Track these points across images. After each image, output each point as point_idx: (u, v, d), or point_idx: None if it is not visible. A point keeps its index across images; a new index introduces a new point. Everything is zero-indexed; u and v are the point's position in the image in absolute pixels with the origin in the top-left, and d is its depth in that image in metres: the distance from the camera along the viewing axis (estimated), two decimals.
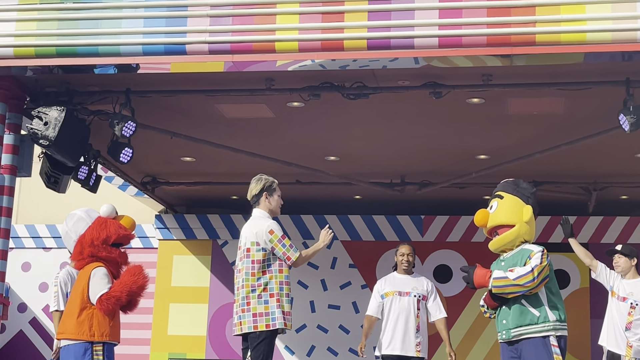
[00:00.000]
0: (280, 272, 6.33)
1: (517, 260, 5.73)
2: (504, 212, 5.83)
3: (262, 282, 6.26)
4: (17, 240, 12.72)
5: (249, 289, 6.27)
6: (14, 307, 12.75)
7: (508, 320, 5.65)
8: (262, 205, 6.54)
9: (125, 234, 6.49)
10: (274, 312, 6.23)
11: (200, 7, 7.47)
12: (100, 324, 6.24)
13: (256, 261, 6.30)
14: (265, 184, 6.55)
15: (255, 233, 6.35)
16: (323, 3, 7.30)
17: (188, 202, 12.90)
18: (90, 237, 6.36)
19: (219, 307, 12.45)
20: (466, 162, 10.42)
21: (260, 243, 6.32)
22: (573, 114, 8.70)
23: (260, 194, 6.54)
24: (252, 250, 6.33)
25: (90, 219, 6.51)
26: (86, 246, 6.35)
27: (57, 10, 7.68)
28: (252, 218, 6.54)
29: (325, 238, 6.51)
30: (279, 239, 6.32)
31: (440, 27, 7.09)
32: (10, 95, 8.12)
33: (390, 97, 8.21)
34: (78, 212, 6.61)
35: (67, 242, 6.63)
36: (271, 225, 6.37)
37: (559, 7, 6.97)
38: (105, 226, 6.40)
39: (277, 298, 6.25)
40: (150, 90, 8.38)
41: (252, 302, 6.25)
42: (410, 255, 8.15)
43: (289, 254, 6.31)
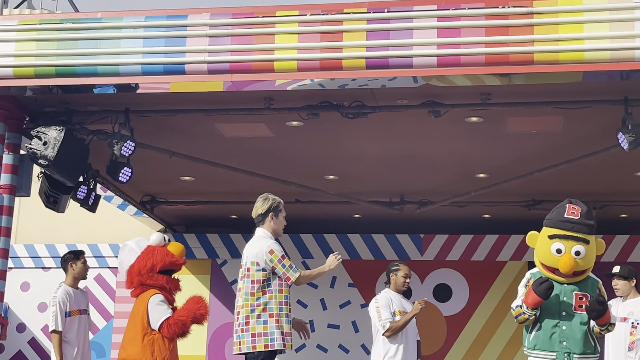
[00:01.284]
0: (280, 292, 6.31)
1: (585, 287, 5.65)
2: (589, 257, 5.61)
3: (262, 302, 6.24)
4: (16, 260, 12.70)
5: (248, 308, 6.25)
6: (12, 327, 12.70)
7: (571, 343, 5.55)
8: (266, 225, 6.54)
9: (172, 261, 6.73)
10: (272, 333, 6.20)
11: (199, 27, 7.49)
12: (161, 349, 6.51)
13: (256, 281, 6.28)
14: (272, 204, 6.55)
15: (256, 253, 6.34)
16: (322, 23, 7.32)
17: (187, 221, 12.89)
18: (138, 266, 6.66)
19: (218, 326, 12.41)
20: (465, 180, 10.42)
21: (261, 263, 6.30)
22: (572, 133, 8.70)
23: (267, 214, 6.54)
24: (252, 270, 6.31)
25: (140, 248, 6.77)
26: (134, 275, 6.65)
27: (57, 30, 7.70)
28: (254, 238, 6.52)
29: (332, 263, 6.50)
30: (279, 259, 6.31)
31: (439, 46, 7.10)
32: (9, 115, 8.13)
33: (389, 116, 8.22)
34: (129, 243, 6.85)
35: (122, 272, 6.87)
36: (271, 245, 6.36)
37: (557, 26, 6.99)
38: (152, 255, 6.66)
39: (277, 319, 6.23)
40: (149, 109, 8.38)
41: (251, 322, 6.23)
42: (410, 276, 8.17)
43: (288, 274, 6.30)
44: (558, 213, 5.65)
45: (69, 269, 8.24)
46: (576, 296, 5.60)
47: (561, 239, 5.55)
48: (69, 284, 8.20)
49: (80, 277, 8.29)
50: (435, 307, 12.12)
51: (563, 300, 5.59)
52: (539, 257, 5.67)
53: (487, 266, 12.13)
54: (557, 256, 5.53)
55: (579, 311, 5.59)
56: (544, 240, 5.63)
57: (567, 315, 5.57)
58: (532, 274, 5.73)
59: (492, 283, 12.12)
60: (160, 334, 6.53)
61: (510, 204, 11.23)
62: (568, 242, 5.54)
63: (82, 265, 8.26)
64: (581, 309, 5.59)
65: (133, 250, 6.76)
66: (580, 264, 5.55)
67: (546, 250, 5.59)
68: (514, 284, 11.73)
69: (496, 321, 11.96)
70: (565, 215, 5.60)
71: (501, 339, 11.87)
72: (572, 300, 5.60)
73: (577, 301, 5.61)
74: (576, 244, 5.55)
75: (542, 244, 5.64)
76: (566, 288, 5.60)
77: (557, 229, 5.58)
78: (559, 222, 5.59)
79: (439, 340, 12.05)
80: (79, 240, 12.94)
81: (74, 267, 8.22)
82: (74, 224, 12.67)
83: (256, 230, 6.57)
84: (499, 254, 12.13)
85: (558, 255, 5.53)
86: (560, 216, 5.61)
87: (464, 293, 12.18)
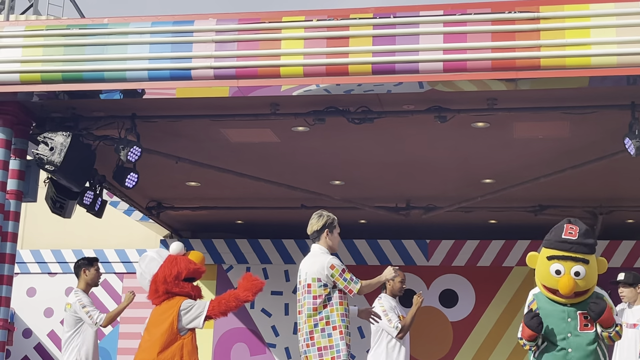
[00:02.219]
0: (340, 305, 6.40)
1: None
2: (590, 277, 5.48)
3: (324, 315, 6.35)
4: (23, 266, 12.71)
5: (311, 323, 6.35)
6: (19, 332, 12.71)
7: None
8: (322, 241, 6.58)
9: (195, 268, 6.83)
10: (338, 345, 6.30)
11: (205, 32, 7.50)
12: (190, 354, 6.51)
13: (318, 296, 6.38)
14: (327, 220, 6.58)
15: (317, 270, 6.41)
16: (328, 28, 7.33)
17: (193, 226, 12.89)
18: (163, 275, 6.70)
19: (224, 332, 12.40)
20: (471, 186, 10.40)
21: (322, 279, 6.38)
22: (578, 138, 8.69)
23: (322, 230, 6.56)
24: (314, 286, 6.40)
25: (161, 258, 6.83)
26: (160, 284, 6.68)
27: (63, 36, 7.72)
28: (311, 254, 6.57)
29: (389, 274, 6.63)
30: (339, 273, 6.38)
31: (445, 51, 7.11)
32: (16, 120, 8.15)
33: (395, 121, 8.22)
34: (150, 253, 6.90)
35: (142, 282, 6.92)
36: (331, 260, 6.43)
37: (564, 31, 6.99)
38: (176, 263, 6.71)
39: (340, 330, 6.33)
40: (155, 115, 8.39)
41: (316, 337, 6.33)
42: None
43: (350, 287, 6.39)
44: (556, 234, 5.55)
45: (81, 275, 8.24)
46: (580, 316, 5.49)
47: (560, 260, 5.44)
48: (82, 290, 8.21)
49: (93, 284, 8.30)
50: (442, 313, 12.10)
51: (568, 322, 5.50)
52: (539, 279, 5.59)
53: (494, 272, 12.11)
54: (556, 277, 5.43)
55: (584, 331, 5.48)
56: (543, 261, 5.53)
57: (572, 337, 5.46)
58: (535, 295, 5.62)
59: (499, 289, 12.09)
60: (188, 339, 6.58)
61: (516, 210, 11.21)
62: (567, 262, 5.43)
63: (95, 272, 8.27)
64: (587, 328, 5.48)
65: (155, 259, 6.80)
66: (581, 285, 5.43)
67: (545, 271, 5.50)
68: (521, 289, 11.73)
69: (502, 327, 11.93)
70: (562, 235, 5.50)
71: (508, 345, 11.83)
72: (577, 321, 5.51)
73: (582, 321, 5.49)
74: (575, 265, 5.43)
75: (542, 265, 5.54)
76: (570, 309, 5.49)
77: (555, 249, 5.48)
78: (557, 243, 5.49)
79: (445, 346, 12.02)
80: (85, 245, 12.95)
81: (87, 274, 8.22)
82: (80, 229, 12.68)
83: (312, 247, 6.62)
84: (505, 259, 12.10)
85: (557, 276, 5.43)
86: (558, 237, 5.51)
87: (470, 299, 12.16)
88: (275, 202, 11.24)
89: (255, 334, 12.45)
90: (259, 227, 12.43)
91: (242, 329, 12.47)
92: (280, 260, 12.45)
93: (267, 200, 11.21)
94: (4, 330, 8.12)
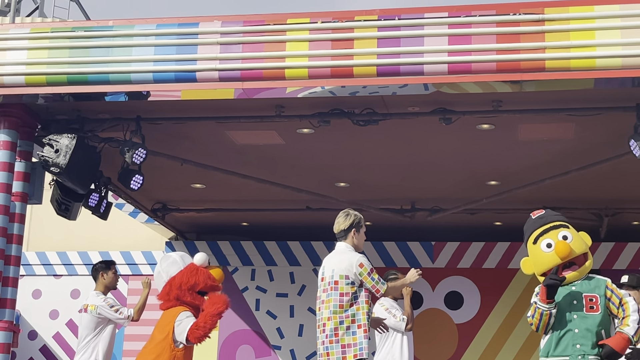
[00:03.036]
0: (366, 304, 6.45)
1: (593, 288, 5.63)
2: (579, 240, 5.63)
3: (350, 313, 6.38)
4: (28, 268, 12.72)
5: (337, 320, 6.38)
6: (24, 334, 12.73)
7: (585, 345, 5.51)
8: (348, 240, 6.64)
9: (212, 284, 6.78)
10: (361, 343, 6.33)
11: (210, 34, 7.51)
12: None
13: (345, 294, 6.40)
14: (355, 220, 6.65)
15: (345, 267, 6.44)
16: (333, 30, 7.33)
17: (198, 228, 12.90)
18: (180, 280, 6.64)
19: (229, 334, 12.41)
20: (476, 188, 10.40)
21: (350, 276, 6.41)
22: (583, 140, 8.68)
23: (350, 229, 6.63)
24: (341, 284, 6.42)
25: (183, 263, 6.79)
26: (174, 288, 6.63)
27: (69, 38, 7.74)
28: (337, 252, 6.62)
29: (413, 277, 6.74)
30: (368, 272, 6.43)
31: (450, 53, 7.10)
32: (21, 122, 8.16)
33: (400, 123, 8.22)
34: (173, 255, 6.88)
35: (158, 282, 6.90)
36: (360, 259, 6.48)
37: (569, 33, 6.98)
38: (196, 273, 6.67)
39: (365, 329, 6.37)
40: (160, 117, 8.41)
41: (340, 334, 6.35)
42: None
43: (377, 287, 6.44)
44: (527, 223, 5.76)
45: (99, 278, 8.29)
46: (586, 298, 5.60)
47: (544, 235, 5.60)
48: (101, 292, 8.25)
49: (111, 287, 8.35)
50: (447, 315, 12.09)
51: (573, 304, 5.58)
52: (538, 269, 5.66)
53: (499, 274, 12.09)
54: (550, 251, 5.55)
55: (590, 312, 5.56)
56: (532, 249, 5.66)
57: (578, 318, 5.56)
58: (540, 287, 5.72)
59: (504, 291, 12.08)
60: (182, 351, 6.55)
61: (521, 211, 11.11)
62: (550, 233, 5.59)
63: (113, 275, 8.33)
64: (592, 310, 5.56)
65: (177, 262, 6.77)
66: (575, 248, 5.54)
67: (539, 254, 5.61)
68: (526, 291, 11.70)
69: (508, 329, 11.92)
70: (533, 217, 5.73)
71: (513, 347, 11.82)
72: (583, 303, 5.60)
73: (588, 302, 5.59)
74: (559, 231, 5.59)
75: (533, 254, 5.66)
76: (575, 291, 5.59)
77: (535, 231, 5.65)
78: (532, 225, 5.69)
79: (450, 348, 12.01)
80: (90, 247, 12.98)
81: (104, 277, 8.28)
82: (85, 231, 12.70)
83: (337, 245, 6.66)
84: (510, 261, 12.08)
85: (550, 249, 5.55)
86: (530, 221, 5.73)
87: (476, 301, 12.15)
88: (280, 204, 11.25)
89: (260, 335, 12.45)
90: (264, 229, 12.43)
91: (247, 330, 12.47)
92: (286, 262, 12.45)
93: (273, 202, 11.22)
94: (9, 332, 8.13)
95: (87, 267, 12.56)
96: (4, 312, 8.02)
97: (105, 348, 8.11)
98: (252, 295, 12.57)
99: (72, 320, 12.72)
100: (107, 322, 8.14)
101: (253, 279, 12.58)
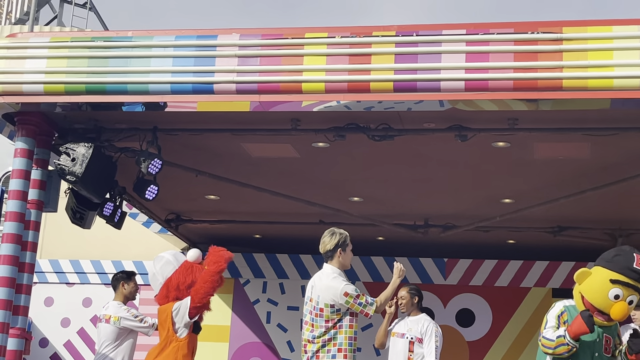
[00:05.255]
0: (350, 328, 6.43)
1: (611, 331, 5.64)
2: None
3: (332, 336, 6.38)
4: (41, 275, 12.76)
5: (319, 344, 6.40)
6: (35, 342, 12.76)
7: None
8: (334, 261, 6.54)
9: None
10: None
11: (228, 47, 7.53)
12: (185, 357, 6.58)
13: (330, 320, 6.40)
14: (340, 239, 6.53)
15: (332, 296, 6.38)
16: (350, 45, 7.35)
17: (211, 239, 12.84)
18: (177, 281, 6.71)
19: (240, 346, 12.40)
20: (491, 205, 10.38)
21: (336, 305, 6.39)
22: (599, 160, 8.66)
23: (335, 249, 6.52)
24: (326, 311, 6.39)
25: (177, 262, 6.81)
26: (172, 289, 6.69)
27: (88, 48, 7.78)
28: (324, 274, 6.52)
29: (398, 275, 6.73)
30: (354, 299, 6.39)
31: (467, 70, 7.10)
32: (39, 131, 8.20)
33: (416, 139, 8.22)
34: (166, 255, 6.88)
35: (154, 283, 6.90)
36: (344, 288, 6.39)
37: (587, 52, 6.97)
38: (192, 271, 6.67)
39: (345, 354, 6.35)
40: (177, 128, 8.44)
41: (321, 356, 6.39)
42: (402, 297, 8.24)
43: (366, 311, 6.43)
44: (626, 259, 5.52)
45: (119, 288, 8.32)
46: (605, 338, 5.59)
47: (623, 286, 5.45)
48: (121, 302, 8.28)
49: (131, 297, 8.39)
50: (458, 332, 12.05)
51: (596, 342, 5.53)
52: (590, 297, 5.51)
53: (511, 292, 12.06)
54: (612, 302, 5.44)
55: (605, 354, 5.57)
56: (604, 282, 5.48)
57: (599, 356, 5.54)
58: (566, 306, 5.61)
59: (516, 309, 12.04)
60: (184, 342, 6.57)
61: (535, 230, 11.17)
62: (628, 290, 5.46)
63: (133, 286, 8.36)
64: (607, 352, 5.57)
65: (170, 263, 6.77)
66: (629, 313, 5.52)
67: (602, 293, 5.46)
68: (538, 310, 11.66)
69: (519, 348, 11.86)
70: (634, 265, 5.49)
71: None
72: (602, 343, 5.57)
73: (605, 344, 5.59)
74: (633, 294, 5.48)
75: (599, 285, 5.50)
76: (599, 329, 5.53)
77: (622, 275, 5.46)
78: (627, 270, 5.47)
79: None
80: (103, 256, 13.01)
81: (125, 287, 8.31)
82: (99, 240, 12.74)
83: (324, 267, 6.57)
84: (523, 280, 12.05)
85: (615, 301, 5.44)
86: (630, 264, 5.49)
87: (487, 319, 12.10)
88: (293, 217, 11.26)
89: (270, 348, 12.44)
90: (276, 241, 12.43)
91: (257, 343, 12.46)
92: (297, 275, 12.45)
93: (286, 215, 11.23)
94: (21, 340, 8.16)
95: (99, 275, 12.61)
96: (17, 319, 8.05)
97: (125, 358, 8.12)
98: (264, 307, 12.57)
99: (83, 329, 12.75)
100: (127, 334, 8.15)
101: (264, 291, 12.58)
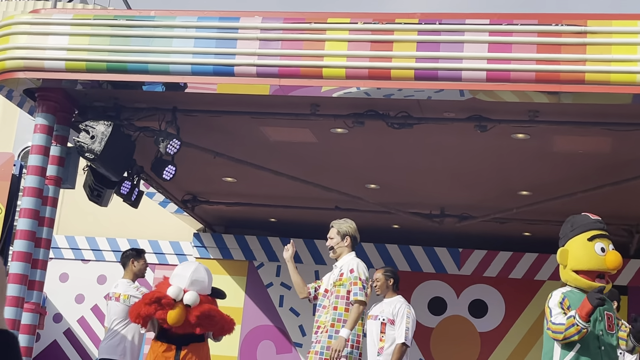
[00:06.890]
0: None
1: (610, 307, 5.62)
2: None
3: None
4: (57, 251, 12.85)
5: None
6: (49, 317, 12.86)
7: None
8: None
9: None
10: None
11: (250, 30, 7.52)
12: None
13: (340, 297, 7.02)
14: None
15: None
16: (372, 32, 7.32)
17: (226, 222, 12.95)
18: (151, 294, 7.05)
19: (252, 328, 12.44)
20: (508, 197, 10.34)
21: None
22: (619, 155, 8.60)
23: None
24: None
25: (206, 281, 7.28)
26: None
27: (110, 26, 7.78)
28: None
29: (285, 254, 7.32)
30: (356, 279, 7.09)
31: (489, 61, 7.06)
32: (59, 107, 8.23)
33: (435, 128, 8.19)
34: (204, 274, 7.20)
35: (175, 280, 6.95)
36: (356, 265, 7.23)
37: (610, 47, 6.91)
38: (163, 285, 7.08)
39: None
40: (196, 109, 8.44)
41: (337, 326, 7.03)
42: (377, 280, 8.37)
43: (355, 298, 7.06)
44: (583, 219, 5.64)
45: (129, 265, 8.35)
46: (607, 315, 5.56)
47: (601, 238, 5.51)
48: (130, 280, 8.32)
49: (140, 275, 8.43)
50: (470, 323, 12.04)
51: (599, 321, 5.52)
52: (583, 265, 5.48)
53: (525, 284, 12.03)
54: (602, 255, 5.45)
55: (609, 331, 5.54)
56: (584, 245, 5.50)
57: (604, 335, 5.52)
58: (564, 293, 5.55)
59: (529, 302, 12.01)
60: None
61: (551, 223, 11.09)
62: (605, 240, 5.52)
63: (143, 263, 8.40)
64: (610, 329, 5.54)
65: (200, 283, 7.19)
66: None
67: (589, 253, 5.47)
68: None
69: (531, 340, 11.84)
70: (592, 218, 5.63)
71: (535, 359, 11.75)
72: (605, 321, 5.54)
73: (607, 321, 5.55)
74: (610, 242, 5.54)
75: (582, 250, 5.50)
76: (600, 308, 5.52)
77: (593, 230, 5.53)
78: (592, 224, 5.56)
79: (471, 356, 11.96)
80: (119, 234, 13.07)
81: (135, 265, 8.35)
82: (115, 218, 12.80)
83: None
84: (537, 272, 12.02)
85: (603, 254, 5.45)
86: (589, 219, 5.62)
87: (500, 310, 12.09)
88: (309, 202, 11.26)
89: (282, 332, 12.48)
90: (292, 226, 12.45)
91: (269, 326, 12.50)
92: (312, 261, 12.47)
93: (302, 200, 11.24)
94: (36, 314, 8.22)
95: (114, 253, 12.66)
96: (32, 294, 8.10)
97: (135, 336, 8.17)
98: (277, 291, 12.60)
99: (97, 306, 12.83)
100: None
101: (278, 275, 12.61)
